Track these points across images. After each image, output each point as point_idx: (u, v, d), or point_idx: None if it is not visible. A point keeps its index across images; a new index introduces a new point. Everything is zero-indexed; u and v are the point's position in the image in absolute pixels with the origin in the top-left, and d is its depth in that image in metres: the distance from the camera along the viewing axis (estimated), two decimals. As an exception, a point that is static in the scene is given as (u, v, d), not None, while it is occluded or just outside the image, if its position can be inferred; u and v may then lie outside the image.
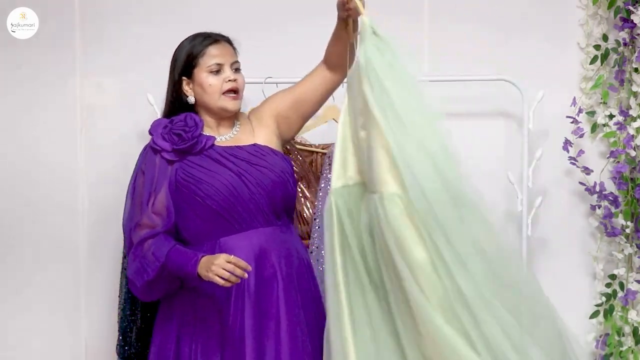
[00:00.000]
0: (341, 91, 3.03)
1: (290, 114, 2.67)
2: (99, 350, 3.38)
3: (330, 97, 3.02)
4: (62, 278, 3.41)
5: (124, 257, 2.99)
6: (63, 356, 3.43)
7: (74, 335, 3.43)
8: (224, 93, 2.58)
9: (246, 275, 2.39)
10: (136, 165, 2.62)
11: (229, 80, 2.58)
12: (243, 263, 2.38)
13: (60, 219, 3.40)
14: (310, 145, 3.15)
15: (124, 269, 2.98)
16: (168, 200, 2.53)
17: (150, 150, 2.58)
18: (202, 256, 2.43)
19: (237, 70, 2.63)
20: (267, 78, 3.06)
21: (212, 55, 2.59)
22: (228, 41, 2.64)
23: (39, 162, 3.39)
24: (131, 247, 2.53)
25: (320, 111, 3.14)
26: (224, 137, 2.62)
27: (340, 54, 2.54)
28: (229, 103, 2.59)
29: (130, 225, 2.55)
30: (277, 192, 2.56)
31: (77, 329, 3.43)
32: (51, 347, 3.43)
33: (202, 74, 2.58)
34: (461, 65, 3.25)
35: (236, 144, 2.61)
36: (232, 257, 2.38)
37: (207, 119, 2.62)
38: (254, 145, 2.61)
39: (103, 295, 3.36)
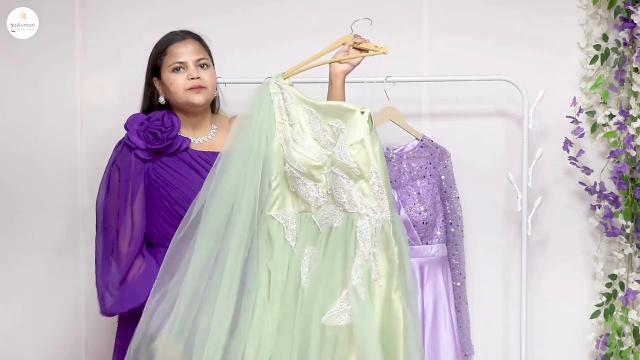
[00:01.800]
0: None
1: None
2: (99, 350, 3.38)
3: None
4: (62, 278, 3.41)
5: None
6: (63, 356, 3.43)
7: (74, 335, 3.43)
8: (187, 90, 2.59)
9: None
10: (110, 157, 2.62)
11: (192, 78, 2.58)
12: None
13: (60, 219, 3.40)
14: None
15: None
16: (143, 209, 2.54)
17: (125, 146, 2.59)
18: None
19: (204, 66, 2.62)
20: (266, 78, 3.06)
21: (174, 53, 2.60)
22: (195, 37, 2.64)
23: (39, 162, 3.39)
24: (104, 238, 2.54)
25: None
26: (200, 139, 2.62)
27: None
28: (193, 97, 2.59)
29: (106, 223, 2.55)
30: None
31: (77, 329, 3.43)
32: (51, 346, 3.43)
33: (165, 73, 2.60)
34: (461, 65, 3.25)
35: (211, 149, 2.60)
36: None
37: (183, 119, 2.62)
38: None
39: (103, 295, 3.36)
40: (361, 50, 2.60)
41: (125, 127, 2.61)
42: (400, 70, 3.16)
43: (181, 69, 2.59)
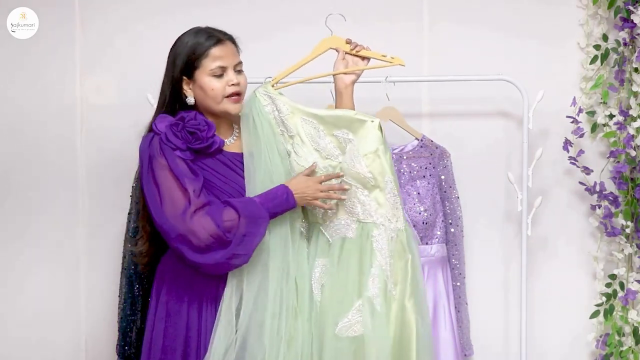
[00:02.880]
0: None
1: None
2: (99, 350, 3.38)
3: (331, 97, 3.02)
4: (62, 278, 3.41)
5: (124, 257, 2.99)
6: (63, 356, 3.43)
7: (74, 335, 3.43)
8: (226, 97, 2.48)
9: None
10: (145, 157, 2.43)
11: (232, 84, 2.47)
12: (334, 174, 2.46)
13: (60, 219, 3.40)
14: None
15: (123, 269, 2.98)
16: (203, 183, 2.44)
17: (164, 144, 2.42)
18: (287, 186, 2.44)
19: (240, 72, 2.52)
20: (266, 78, 3.06)
21: (216, 57, 2.46)
22: (231, 40, 2.52)
23: (39, 162, 3.40)
24: (180, 239, 2.37)
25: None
26: (227, 140, 2.56)
27: None
28: (231, 107, 2.49)
29: (179, 215, 2.36)
30: None
31: (77, 329, 3.43)
32: (51, 347, 3.43)
33: (204, 76, 2.46)
34: (461, 65, 3.25)
35: (239, 150, 2.55)
36: (318, 176, 2.44)
37: (213, 120, 2.52)
38: (234, 152, 2.56)
39: (103, 295, 3.37)
40: (363, 58, 2.58)
41: (155, 125, 2.45)
42: (400, 70, 3.15)
43: (222, 75, 2.47)
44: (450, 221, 3.13)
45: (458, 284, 3.15)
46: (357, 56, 2.57)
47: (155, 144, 2.43)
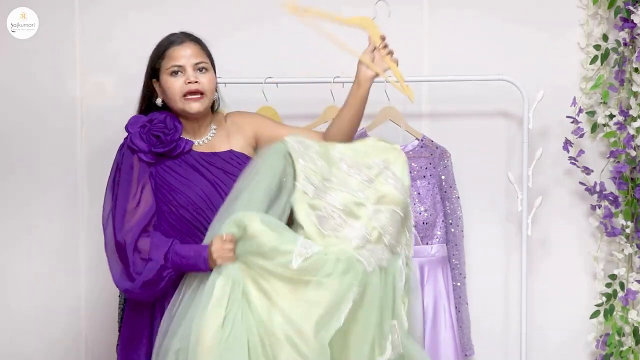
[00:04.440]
0: (342, 90, 3.04)
1: (267, 143, 2.62)
2: (99, 350, 3.38)
3: (331, 97, 3.02)
4: (62, 278, 3.41)
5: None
6: (63, 356, 3.43)
7: (74, 335, 3.43)
8: (184, 95, 2.53)
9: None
10: (114, 161, 2.57)
11: (189, 82, 2.53)
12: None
13: (60, 219, 3.40)
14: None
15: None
16: (152, 201, 2.49)
17: (128, 149, 2.54)
18: (207, 251, 2.40)
19: (203, 70, 2.56)
20: (267, 78, 3.06)
21: (172, 57, 2.55)
22: (195, 40, 2.59)
23: (40, 162, 3.39)
24: (117, 247, 2.47)
25: (319, 111, 3.15)
26: (200, 141, 2.58)
27: (351, 120, 2.58)
28: (190, 105, 2.54)
29: (114, 225, 2.49)
30: None
31: (77, 329, 3.43)
32: (51, 346, 3.43)
33: (163, 76, 2.56)
34: (461, 65, 3.25)
35: (212, 150, 2.57)
36: (224, 237, 2.37)
37: (183, 121, 2.57)
38: (230, 151, 2.58)
39: (103, 295, 3.36)
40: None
41: (127, 128, 2.56)
42: (400, 70, 3.16)
43: (179, 73, 2.54)
44: (450, 221, 3.13)
45: (458, 284, 3.15)
46: (384, 60, 2.56)
47: (123, 151, 2.56)
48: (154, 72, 2.59)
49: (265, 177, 2.40)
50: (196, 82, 2.54)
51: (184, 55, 2.55)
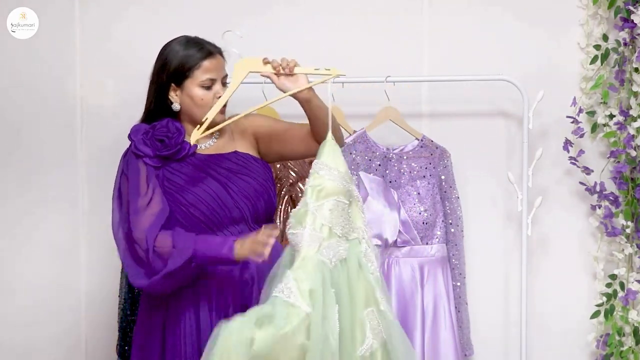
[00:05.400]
0: (342, 91, 3.04)
1: (266, 142, 2.63)
2: (99, 350, 3.38)
3: (331, 97, 3.02)
4: (62, 278, 3.41)
5: (124, 257, 2.99)
6: (63, 356, 3.43)
7: (74, 335, 3.43)
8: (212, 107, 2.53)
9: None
10: (118, 170, 2.57)
11: (219, 97, 2.53)
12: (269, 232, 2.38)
13: (60, 219, 3.40)
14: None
15: (124, 269, 2.98)
16: (164, 201, 2.48)
17: (132, 155, 2.53)
18: (234, 240, 2.40)
19: (225, 84, 2.57)
20: (265, 79, 3.06)
21: (207, 69, 2.52)
22: (221, 53, 2.59)
23: (40, 162, 3.40)
24: (127, 250, 2.48)
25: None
26: (205, 144, 2.59)
27: (319, 132, 2.50)
28: (217, 117, 2.53)
29: (124, 229, 2.49)
30: (260, 200, 2.55)
31: (77, 329, 3.43)
32: (51, 346, 3.43)
33: (193, 87, 2.52)
34: (461, 65, 3.25)
35: (217, 152, 2.58)
36: (262, 234, 2.36)
37: (189, 127, 2.57)
38: (235, 152, 2.58)
39: (103, 295, 3.37)
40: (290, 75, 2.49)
41: (130, 137, 2.55)
42: (400, 70, 3.16)
43: (210, 87, 2.53)
44: (450, 221, 3.13)
45: (458, 284, 3.15)
46: (290, 75, 2.49)
47: (127, 157, 2.56)
48: (177, 77, 2.54)
49: None
50: (221, 96, 2.54)
51: (217, 68, 2.55)
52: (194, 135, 2.49)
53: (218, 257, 2.40)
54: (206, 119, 2.48)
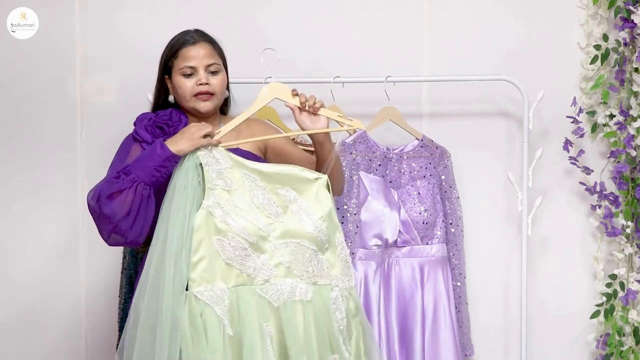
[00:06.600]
0: (342, 91, 3.04)
1: (275, 154, 2.65)
2: (99, 350, 3.38)
3: (331, 97, 3.02)
4: (62, 278, 3.41)
5: (124, 256, 3.00)
6: (63, 355, 3.43)
7: (74, 335, 3.43)
8: (195, 95, 2.56)
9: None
10: (116, 153, 2.61)
11: (200, 84, 2.54)
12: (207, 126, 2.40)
13: (60, 219, 3.40)
14: (310, 145, 3.14)
15: (124, 268, 2.98)
16: None
17: (131, 137, 2.58)
18: (164, 139, 2.42)
19: (214, 72, 2.58)
20: (267, 78, 3.06)
21: (186, 57, 2.55)
22: (209, 41, 2.60)
23: (40, 162, 3.39)
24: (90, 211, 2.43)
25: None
26: None
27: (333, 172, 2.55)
28: (200, 104, 2.56)
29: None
30: None
31: (77, 329, 3.43)
32: (51, 346, 3.43)
33: (176, 75, 2.57)
34: (461, 65, 3.25)
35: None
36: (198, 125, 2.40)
37: (191, 118, 2.61)
38: (237, 148, 2.58)
39: (103, 295, 3.36)
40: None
41: (135, 124, 2.60)
42: (400, 70, 3.16)
43: (192, 74, 2.56)
44: (450, 221, 3.13)
45: (458, 284, 3.15)
46: (314, 114, 2.50)
47: (126, 139, 2.61)
48: (166, 69, 2.61)
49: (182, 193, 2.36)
50: (207, 83, 2.56)
51: (197, 56, 2.56)
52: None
53: (155, 158, 2.37)
54: (219, 131, 2.48)
